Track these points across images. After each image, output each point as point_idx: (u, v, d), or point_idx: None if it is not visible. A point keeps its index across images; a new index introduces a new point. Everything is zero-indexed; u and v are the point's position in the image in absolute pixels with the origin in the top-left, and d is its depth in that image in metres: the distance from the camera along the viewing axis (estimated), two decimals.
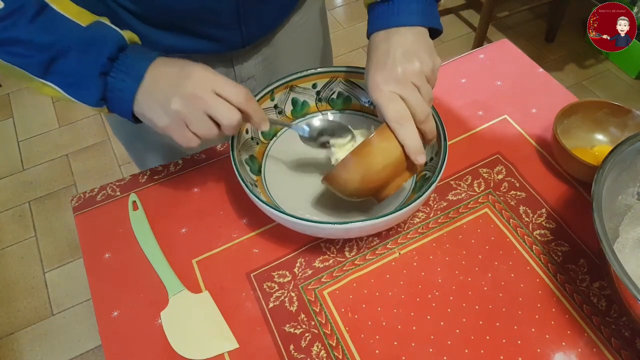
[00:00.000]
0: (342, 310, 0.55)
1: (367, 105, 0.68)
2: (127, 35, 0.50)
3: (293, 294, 0.56)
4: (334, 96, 0.69)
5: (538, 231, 0.60)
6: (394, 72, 0.50)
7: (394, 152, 0.51)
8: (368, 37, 0.55)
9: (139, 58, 0.49)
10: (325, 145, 0.59)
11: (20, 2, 0.45)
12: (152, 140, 0.77)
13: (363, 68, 0.66)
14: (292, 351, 0.52)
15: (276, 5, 0.68)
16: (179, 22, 0.60)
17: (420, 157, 0.50)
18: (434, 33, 0.55)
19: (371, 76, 0.51)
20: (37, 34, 0.46)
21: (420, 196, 0.53)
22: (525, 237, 0.60)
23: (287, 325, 0.54)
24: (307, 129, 0.59)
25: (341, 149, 0.61)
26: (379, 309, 0.55)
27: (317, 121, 0.61)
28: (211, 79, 0.49)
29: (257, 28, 0.49)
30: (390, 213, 0.52)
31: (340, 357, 0.52)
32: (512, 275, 0.56)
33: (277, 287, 0.57)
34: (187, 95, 0.48)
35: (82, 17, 0.49)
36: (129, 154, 0.84)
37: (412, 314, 0.54)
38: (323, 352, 0.52)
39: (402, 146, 0.50)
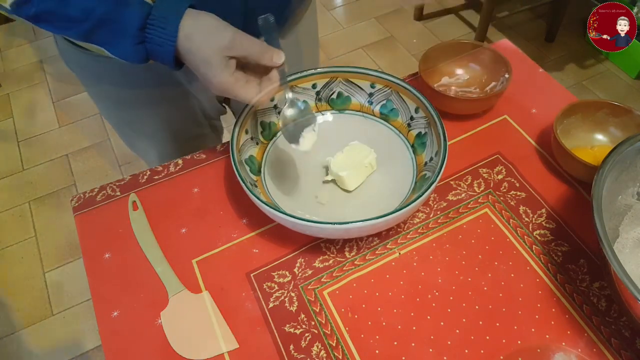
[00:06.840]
0: (342, 310, 0.55)
1: (367, 105, 0.69)
2: None
3: (293, 294, 0.56)
4: (334, 96, 0.69)
5: (538, 231, 0.60)
6: None
7: None
8: None
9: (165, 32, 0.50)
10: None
11: None
12: (140, 127, 0.78)
13: (363, 68, 0.67)
14: (292, 351, 0.52)
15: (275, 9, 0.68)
16: None
17: None
18: None
19: None
20: (67, 8, 0.47)
21: (420, 196, 0.53)
22: (525, 237, 0.60)
23: (287, 325, 0.54)
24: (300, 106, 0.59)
25: (337, 164, 0.62)
26: (379, 309, 0.55)
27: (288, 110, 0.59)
28: (226, 89, 0.52)
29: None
30: (390, 213, 0.52)
31: (340, 357, 0.52)
32: (512, 275, 0.56)
33: (277, 287, 0.57)
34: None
35: None
36: (120, 136, 0.85)
37: (412, 314, 0.54)
38: (323, 352, 0.52)
39: None
